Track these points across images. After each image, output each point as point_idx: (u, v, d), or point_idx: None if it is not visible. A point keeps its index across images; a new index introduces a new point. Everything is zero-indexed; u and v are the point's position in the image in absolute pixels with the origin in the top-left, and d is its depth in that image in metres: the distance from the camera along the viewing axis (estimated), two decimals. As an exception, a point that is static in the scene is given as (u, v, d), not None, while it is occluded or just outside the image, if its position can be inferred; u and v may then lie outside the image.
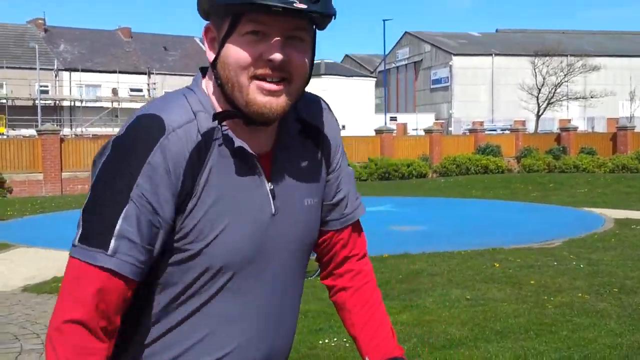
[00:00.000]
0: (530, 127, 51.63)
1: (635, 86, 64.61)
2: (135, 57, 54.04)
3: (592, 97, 56.24)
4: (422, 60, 77.74)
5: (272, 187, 1.50)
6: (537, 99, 51.58)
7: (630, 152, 28.52)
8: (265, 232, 1.50)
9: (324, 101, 1.70)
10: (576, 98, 55.60)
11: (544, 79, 52.10)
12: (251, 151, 1.46)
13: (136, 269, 1.38)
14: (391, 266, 9.82)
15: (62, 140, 25.15)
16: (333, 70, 53.52)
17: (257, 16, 1.38)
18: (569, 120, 49.49)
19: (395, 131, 37.32)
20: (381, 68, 70.28)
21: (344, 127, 42.71)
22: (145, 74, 52.87)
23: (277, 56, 1.38)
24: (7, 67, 48.47)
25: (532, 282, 8.65)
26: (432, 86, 75.23)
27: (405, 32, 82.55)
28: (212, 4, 1.43)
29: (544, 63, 53.22)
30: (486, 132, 36.45)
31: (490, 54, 71.27)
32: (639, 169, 26.42)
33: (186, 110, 1.44)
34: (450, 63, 71.16)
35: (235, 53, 1.40)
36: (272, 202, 1.50)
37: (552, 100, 51.87)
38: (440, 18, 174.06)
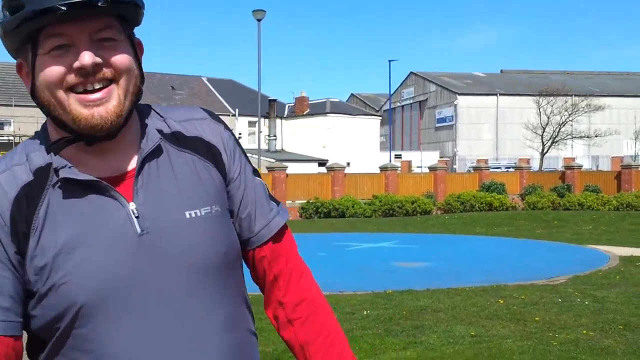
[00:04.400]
0: (535, 165, 51.66)
1: (639, 125, 64.76)
2: (143, 96, 54.47)
3: (596, 136, 56.33)
4: (427, 99, 78.22)
5: (134, 206, 1.37)
6: (542, 138, 51.69)
7: (634, 190, 28.51)
8: (134, 256, 1.35)
9: (205, 110, 1.58)
10: (580, 137, 55.68)
11: (548, 118, 52.27)
12: (92, 177, 1.36)
13: (6, 324, 1.33)
14: (395, 302, 9.77)
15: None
16: (339, 108, 53.81)
17: (53, 29, 1.29)
18: (574, 159, 49.53)
19: (399, 168, 37.41)
20: (386, 107, 70.65)
21: (348, 164, 42.79)
22: (152, 112, 53.17)
23: (87, 60, 1.29)
24: (15, 105, 48.90)
25: (536, 318, 8.59)
26: (437, 125, 75.55)
27: (411, 72, 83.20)
28: (7, 38, 1.35)
29: (548, 103, 53.43)
30: (490, 170, 36.51)
31: (495, 94, 71.69)
32: (643, 207, 26.41)
33: (18, 155, 1.39)
34: (455, 102, 71.54)
35: (45, 72, 1.31)
36: (135, 222, 1.36)
37: (557, 139, 51.96)
38: (445, 59, 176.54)
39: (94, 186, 1.36)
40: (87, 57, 1.29)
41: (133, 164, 1.42)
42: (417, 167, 55.68)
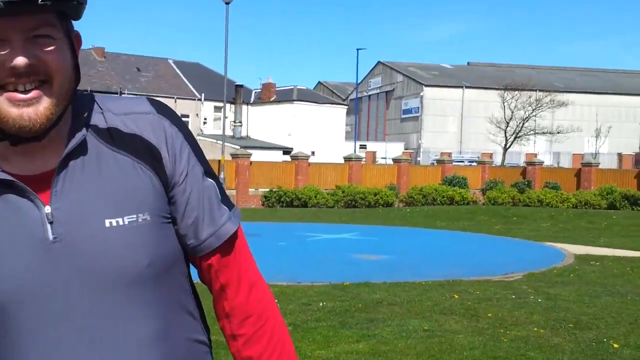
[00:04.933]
0: (498, 159, 52.22)
1: (601, 123, 65.71)
2: (108, 77, 53.83)
3: (558, 133, 57.11)
4: (393, 89, 78.49)
5: (49, 210, 1.28)
6: (505, 133, 52.22)
7: (593, 188, 28.97)
8: (43, 265, 1.27)
9: (152, 102, 1.45)
10: (543, 133, 56.39)
11: (512, 112, 52.80)
12: (7, 176, 1.29)
13: None
14: (351, 294, 9.84)
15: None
16: (305, 96, 53.77)
17: None
18: (536, 155, 50.15)
19: (364, 159, 37.55)
20: (353, 96, 70.77)
21: (313, 153, 42.83)
22: (117, 93, 52.66)
23: (20, 61, 1.22)
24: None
25: (489, 314, 8.72)
26: (402, 116, 75.86)
27: (378, 62, 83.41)
28: None
29: (513, 97, 53.94)
30: (454, 164, 36.81)
31: (461, 86, 72.14)
32: (601, 205, 26.83)
33: None
34: (421, 94, 71.88)
35: None
36: (48, 227, 1.28)
37: (520, 134, 52.56)
38: (413, 49, 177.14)
39: (12, 186, 1.29)
40: (20, 59, 1.23)
41: (56, 164, 1.33)
42: (382, 158, 55.89)
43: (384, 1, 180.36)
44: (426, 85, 72.07)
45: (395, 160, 33.76)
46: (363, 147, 61.36)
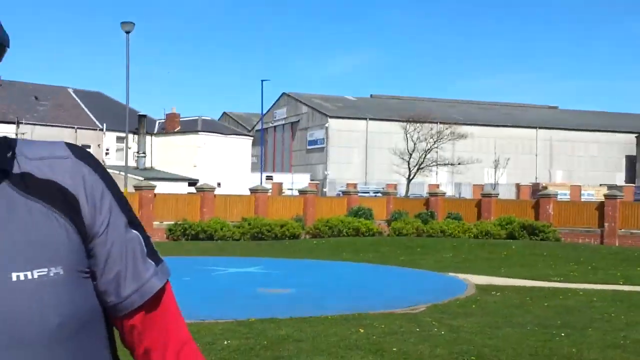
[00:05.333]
0: (402, 190, 53.11)
1: (499, 154, 67.95)
2: (3, 105, 51.97)
3: (459, 164, 58.70)
4: (299, 120, 78.99)
5: None
6: (409, 164, 53.23)
7: (493, 218, 29.78)
8: None
9: (70, 147, 1.34)
10: (445, 164, 57.79)
11: (414, 144, 53.93)
12: None
13: None
14: (257, 331, 9.69)
15: None
16: (210, 127, 53.38)
17: None
18: (438, 186, 51.31)
19: (270, 190, 37.46)
20: (259, 127, 70.79)
21: (219, 184, 42.42)
22: (14, 123, 50.84)
23: None
24: None
25: (394, 349, 8.73)
26: (308, 147, 76.37)
27: (283, 93, 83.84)
28: None
29: (415, 129, 55.16)
30: (359, 195, 37.21)
31: (365, 118, 73.25)
32: (501, 235, 27.58)
33: None
34: (326, 125, 72.56)
35: None
36: None
37: (422, 165, 53.66)
38: (317, 81, 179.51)
39: None
40: None
41: None
42: (288, 189, 55.97)
43: (288, 33, 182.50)
44: (331, 117, 72.85)
45: (301, 192, 33.83)
46: (269, 178, 61.30)
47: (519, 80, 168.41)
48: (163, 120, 54.76)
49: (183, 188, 41.87)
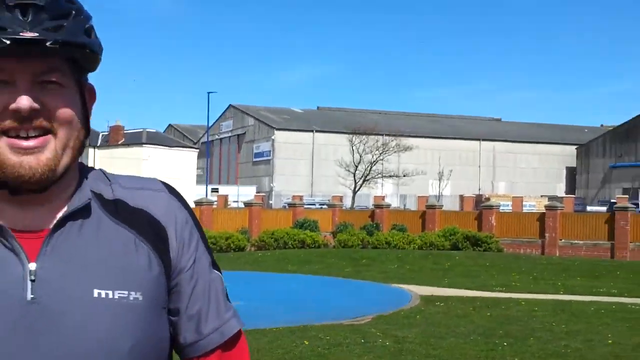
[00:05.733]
0: (348, 202, 53.29)
1: (443, 166, 68.78)
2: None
3: (404, 176, 59.21)
4: (245, 133, 78.80)
5: (34, 267, 1.18)
6: (354, 176, 53.50)
7: (437, 229, 30.08)
8: (16, 326, 1.15)
9: (164, 184, 1.37)
10: (390, 176, 58.23)
11: (360, 156, 54.23)
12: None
13: None
14: (200, 346, 9.57)
15: None
16: (155, 139, 52.85)
17: None
18: (383, 197, 51.53)
19: (216, 203, 37.19)
20: (204, 139, 70.36)
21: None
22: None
23: (24, 104, 1.14)
24: None
25: (337, 361, 8.74)
26: (254, 159, 76.20)
27: (230, 105, 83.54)
28: None
29: (361, 141, 55.49)
30: (305, 207, 37.18)
31: (311, 130, 73.44)
32: (445, 246, 27.88)
33: None
34: (272, 137, 72.53)
35: None
36: (28, 285, 1.16)
37: (368, 177, 53.99)
38: (264, 93, 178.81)
39: (2, 235, 1.19)
40: (24, 101, 1.14)
41: (54, 222, 1.23)
42: (234, 201, 55.68)
43: (236, 45, 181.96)
44: (277, 129, 72.86)
45: (246, 204, 33.69)
46: (215, 190, 60.85)
47: (463, 92, 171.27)
48: (107, 133, 54.01)
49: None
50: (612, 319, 12.78)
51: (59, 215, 1.23)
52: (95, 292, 1.19)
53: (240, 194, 58.68)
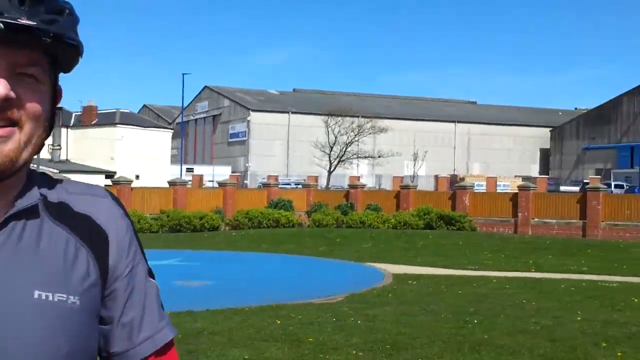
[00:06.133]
0: (323, 182, 53.38)
1: (418, 147, 69.02)
2: None
3: (379, 157, 59.42)
4: (221, 114, 78.46)
5: None
6: (329, 157, 53.59)
7: (411, 209, 30.19)
8: None
9: (109, 191, 1.37)
10: (365, 157, 58.42)
11: (335, 137, 54.32)
12: None
13: None
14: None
15: None
16: (129, 119, 52.31)
17: None
18: (359, 178, 51.68)
19: (190, 183, 37.00)
20: (179, 120, 69.95)
21: (137, 177, 41.68)
22: None
23: (0, 91, 1.12)
24: None
25: (310, 339, 8.72)
26: (230, 140, 75.95)
27: (205, 86, 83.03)
28: None
29: (336, 123, 55.58)
30: (280, 187, 37.09)
31: (287, 112, 73.32)
32: (419, 225, 27.99)
33: None
34: (248, 118, 72.28)
35: None
36: None
37: (343, 158, 54.12)
38: (240, 74, 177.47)
39: None
40: (1, 88, 1.11)
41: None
42: (209, 181, 55.49)
43: (210, 26, 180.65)
44: (253, 110, 72.63)
45: (221, 184, 33.56)
46: (190, 170, 60.60)
47: (440, 76, 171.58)
48: (80, 113, 53.38)
49: (99, 181, 40.94)
50: (582, 296, 12.92)
51: (4, 213, 1.20)
52: (36, 293, 1.16)
53: (215, 174, 58.42)
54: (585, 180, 53.90)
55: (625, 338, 9.15)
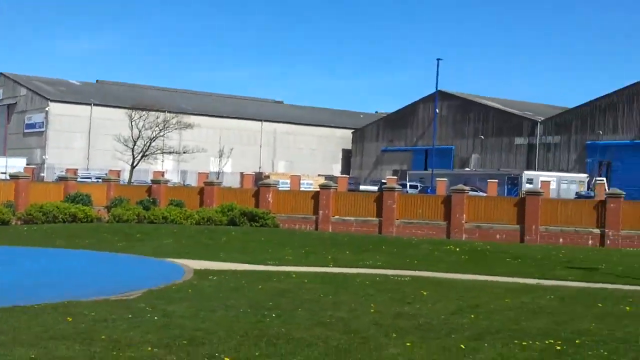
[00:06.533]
0: (127, 177, 52.05)
1: (225, 145, 69.14)
2: None
3: (185, 153, 58.92)
4: (16, 103, 74.40)
5: None
6: (133, 151, 52.36)
7: (215, 205, 30.05)
8: None
9: None
10: (170, 152, 57.71)
11: (140, 132, 53.17)
12: None
13: None
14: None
15: None
16: None
17: None
18: (163, 173, 50.83)
19: (-22, 175, 34.51)
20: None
21: None
22: None
23: None
24: None
25: (103, 337, 8.37)
26: (25, 130, 72.22)
27: (0, 73, 78.18)
28: None
29: (141, 117, 54.44)
30: (79, 180, 35.51)
31: (89, 104, 70.87)
32: (222, 221, 27.90)
33: None
34: (46, 109, 69.08)
35: None
36: None
37: (147, 153, 53.09)
38: (40, 63, 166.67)
39: None
40: None
41: None
42: (2, 172, 52.29)
43: (7, 8, 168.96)
44: (52, 101, 69.51)
45: (12, 177, 31.59)
46: (-20, 162, 56.67)
47: (248, 75, 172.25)
48: None
49: None
50: (376, 290, 13.45)
51: None
52: None
53: (8, 165, 55.11)
54: (383, 180, 56.57)
55: (413, 329, 9.63)
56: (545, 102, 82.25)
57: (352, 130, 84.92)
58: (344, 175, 65.19)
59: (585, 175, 60.80)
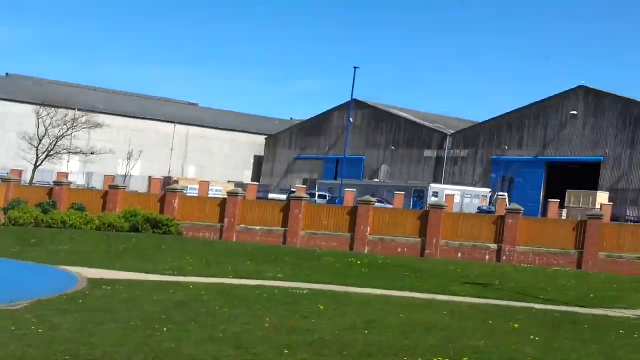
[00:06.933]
0: (29, 177, 50.29)
1: (134, 146, 67.70)
2: None
3: (92, 153, 57.34)
4: None
5: None
6: (37, 150, 50.64)
7: (119, 210, 29.38)
8: None
9: None
10: (77, 152, 56.13)
11: (46, 130, 51.49)
12: None
13: None
14: None
15: None
16: None
17: None
18: (67, 175, 49.40)
19: None
20: None
21: None
22: None
23: None
24: None
25: (-23, 351, 8.04)
26: None
27: None
28: None
29: (49, 114, 52.70)
30: (-26, 180, 34.14)
31: (-6, 98, 68.37)
32: (124, 228, 27.31)
33: None
34: (-55, 103, 66.23)
35: None
36: None
37: (52, 152, 51.43)
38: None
39: None
40: None
41: None
42: None
43: None
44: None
45: None
46: None
47: (163, 74, 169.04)
48: None
49: None
50: (274, 303, 13.42)
51: None
52: None
53: None
54: (292, 189, 56.55)
55: (306, 345, 9.64)
56: (458, 116, 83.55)
57: (266, 137, 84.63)
58: (254, 183, 64.94)
59: (489, 190, 62.35)
